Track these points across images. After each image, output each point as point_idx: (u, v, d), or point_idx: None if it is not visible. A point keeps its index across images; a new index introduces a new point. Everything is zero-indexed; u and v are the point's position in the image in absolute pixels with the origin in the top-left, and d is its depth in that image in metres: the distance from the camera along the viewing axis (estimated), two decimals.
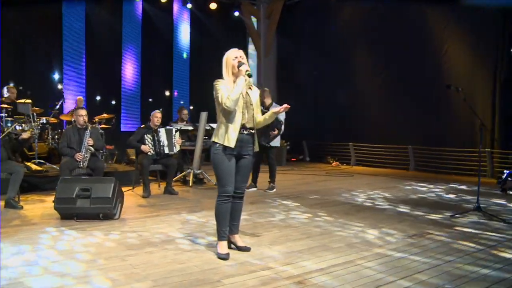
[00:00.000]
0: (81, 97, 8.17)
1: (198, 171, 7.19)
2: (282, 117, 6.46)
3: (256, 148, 3.48)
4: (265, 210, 5.16)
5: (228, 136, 3.27)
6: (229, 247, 3.52)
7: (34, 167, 6.39)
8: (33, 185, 6.07)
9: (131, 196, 6.12)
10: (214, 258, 3.30)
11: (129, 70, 10.82)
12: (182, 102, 11.43)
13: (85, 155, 5.59)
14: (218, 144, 3.31)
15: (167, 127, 6.47)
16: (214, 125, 7.28)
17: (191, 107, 11.57)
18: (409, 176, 8.55)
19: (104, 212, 4.49)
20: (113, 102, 10.55)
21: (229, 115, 3.28)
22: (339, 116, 10.74)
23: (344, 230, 4.20)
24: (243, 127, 3.32)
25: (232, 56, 3.33)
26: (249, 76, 3.24)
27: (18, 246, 3.54)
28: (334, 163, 10.42)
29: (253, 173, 6.78)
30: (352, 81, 10.53)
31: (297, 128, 11.80)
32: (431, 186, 7.21)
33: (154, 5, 10.84)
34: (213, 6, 11.44)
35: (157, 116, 6.34)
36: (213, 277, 2.91)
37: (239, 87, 3.20)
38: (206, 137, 7.38)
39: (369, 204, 5.58)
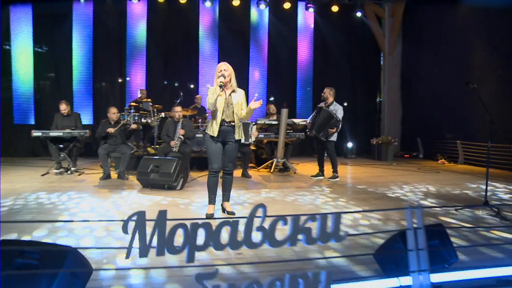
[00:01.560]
0: (199, 95, 10.10)
1: (281, 160, 8.28)
2: (340, 115, 7.08)
3: (238, 137, 4.50)
4: (295, 192, 6.02)
5: (212, 128, 4.41)
6: (223, 211, 4.67)
7: (151, 150, 8.45)
8: None
9: None
10: (202, 216, 4.48)
11: (256, 73, 12.42)
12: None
13: (176, 142, 7.29)
14: (208, 134, 4.49)
15: (245, 121, 7.74)
16: (296, 120, 8.34)
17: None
18: (505, 176, 8.00)
19: (167, 184, 6.05)
20: None
21: (212, 113, 4.42)
22: (455, 114, 10.39)
23: (327, 209, 4.88)
24: (223, 121, 4.40)
25: (219, 69, 4.44)
26: (220, 87, 4.30)
27: (97, 199, 5.36)
28: (440, 161, 10.19)
29: (319, 165, 7.59)
30: (470, 79, 10.07)
31: (414, 125, 11.86)
32: (501, 186, 6.84)
33: (278, 12, 12.15)
34: (334, 8, 12.23)
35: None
36: None
37: (214, 95, 4.30)
38: (291, 130, 8.46)
39: (394, 196, 5.87)
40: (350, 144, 11.50)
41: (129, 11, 11.46)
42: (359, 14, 12.35)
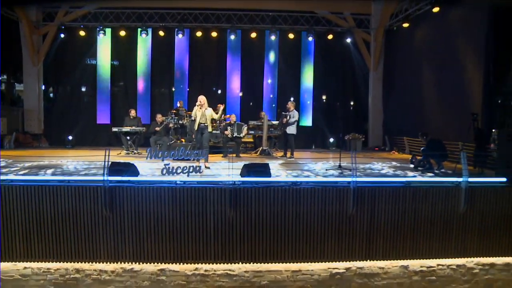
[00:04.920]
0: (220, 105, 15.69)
1: (266, 148, 13.63)
2: (296, 117, 12.34)
3: (209, 130, 10.06)
4: (256, 160, 11.37)
5: (195, 125, 10.04)
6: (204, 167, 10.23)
7: (183, 140, 14.20)
8: None
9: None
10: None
11: (268, 87, 17.85)
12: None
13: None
14: (195, 128, 10.13)
15: (240, 122, 13.29)
16: (274, 122, 13.72)
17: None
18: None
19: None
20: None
21: (196, 119, 10.04)
22: (411, 115, 15.08)
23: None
24: (200, 123, 10.02)
25: (198, 99, 10.05)
26: (197, 106, 9.90)
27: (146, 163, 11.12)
28: (392, 152, 15.05)
29: (284, 150, 12.90)
30: (421, 92, 14.76)
31: (391, 126, 16.67)
32: (392, 163, 11.68)
33: (285, 41, 17.42)
34: (330, 36, 17.32)
35: (233, 116, 13.29)
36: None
37: (194, 110, 9.94)
38: (272, 128, 13.83)
39: (301, 163, 11.00)
40: (331, 139, 16.58)
41: (177, 42, 17.34)
42: (348, 40, 17.36)
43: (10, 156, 11.81)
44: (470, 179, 8.03)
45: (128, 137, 13.60)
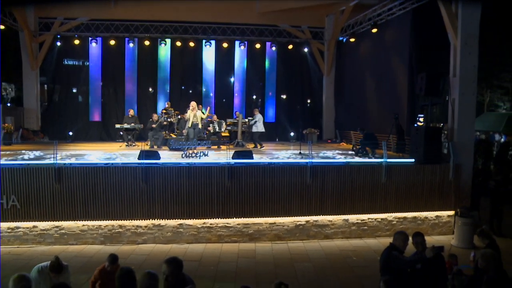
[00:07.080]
0: (200, 105, 19.62)
1: (240, 141, 17.71)
2: (258, 120, 16.52)
3: (200, 127, 14.17)
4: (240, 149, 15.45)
5: (189, 123, 14.14)
6: None
7: (173, 135, 18.09)
8: None
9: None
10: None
11: (237, 89, 21.95)
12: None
13: (185, 131, 16.86)
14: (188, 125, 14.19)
15: (220, 120, 17.35)
16: (245, 120, 17.89)
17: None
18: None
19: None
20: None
21: (189, 119, 14.13)
22: (357, 113, 19.55)
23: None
24: (193, 122, 14.15)
25: (190, 105, 14.16)
26: (191, 109, 13.99)
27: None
28: (341, 143, 19.51)
29: (254, 143, 17.05)
30: (364, 94, 19.25)
31: (341, 122, 21.13)
32: (335, 151, 16.06)
33: (252, 50, 21.55)
34: (290, 46, 21.57)
35: (214, 116, 17.31)
36: None
37: (187, 114, 14.03)
38: (245, 125, 17.96)
39: (272, 154, 15.17)
40: (292, 133, 20.87)
41: (159, 50, 21.12)
42: (306, 49, 21.69)
43: (32, 149, 15.36)
44: (388, 160, 12.40)
45: (125, 132, 17.34)
